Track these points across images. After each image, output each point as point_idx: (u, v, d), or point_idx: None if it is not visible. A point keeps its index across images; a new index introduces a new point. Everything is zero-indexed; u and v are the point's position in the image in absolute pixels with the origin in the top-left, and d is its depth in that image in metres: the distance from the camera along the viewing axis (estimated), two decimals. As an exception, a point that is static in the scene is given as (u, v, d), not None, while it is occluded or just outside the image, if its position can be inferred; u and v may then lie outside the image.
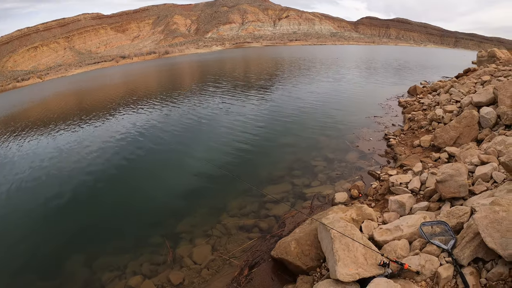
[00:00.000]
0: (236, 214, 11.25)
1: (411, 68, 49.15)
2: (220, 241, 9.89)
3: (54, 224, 12.87)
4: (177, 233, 10.64)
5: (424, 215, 6.77)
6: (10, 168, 20.58)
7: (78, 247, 10.86)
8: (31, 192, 16.29)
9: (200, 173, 14.99)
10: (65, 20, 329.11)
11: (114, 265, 9.60)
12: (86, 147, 21.99)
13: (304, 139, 18.05)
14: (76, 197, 14.72)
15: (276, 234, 9.58)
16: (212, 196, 12.88)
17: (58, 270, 9.85)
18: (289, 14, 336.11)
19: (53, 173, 18.39)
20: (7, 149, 25.96)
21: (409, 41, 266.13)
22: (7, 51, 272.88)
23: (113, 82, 76.24)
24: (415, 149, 13.92)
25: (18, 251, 11.29)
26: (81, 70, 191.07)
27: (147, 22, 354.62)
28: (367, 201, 10.31)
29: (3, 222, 13.74)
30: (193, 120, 24.92)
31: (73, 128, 29.26)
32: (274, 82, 40.33)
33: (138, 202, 13.50)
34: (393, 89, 30.04)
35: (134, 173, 16.74)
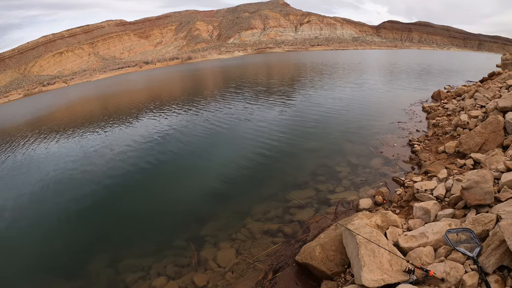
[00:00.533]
0: (260, 218, 11.35)
1: (434, 73, 48.38)
2: (245, 245, 10.02)
3: (79, 225, 13.24)
4: (202, 236, 10.80)
5: (449, 222, 6.75)
6: (37, 169, 21.26)
7: (103, 248, 11.20)
8: (57, 193, 16.80)
9: (224, 178, 15.17)
10: (89, 27, 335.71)
11: (138, 266, 9.84)
12: (110, 151, 22.50)
13: (328, 144, 18.01)
14: (101, 199, 15.13)
15: (300, 239, 9.65)
16: (236, 200, 13.04)
17: (82, 270, 10.14)
18: (311, 19, 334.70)
19: (79, 175, 18.93)
20: (34, 151, 26.78)
21: (432, 45, 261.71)
22: (33, 57, 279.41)
23: (137, 87, 77.40)
24: (439, 155, 13.75)
25: (44, 251, 11.73)
26: (105, 75, 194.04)
27: (170, 28, 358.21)
28: (391, 207, 10.28)
29: (30, 222, 14.21)
30: (216, 125, 25.14)
31: (98, 131, 29.92)
32: (296, 88, 40.29)
33: (163, 205, 13.79)
34: (417, 94, 29.69)
35: (158, 176, 17.03)
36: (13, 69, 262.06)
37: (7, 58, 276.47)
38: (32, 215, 14.89)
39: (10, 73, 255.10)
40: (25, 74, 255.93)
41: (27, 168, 22.16)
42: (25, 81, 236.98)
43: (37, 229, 13.53)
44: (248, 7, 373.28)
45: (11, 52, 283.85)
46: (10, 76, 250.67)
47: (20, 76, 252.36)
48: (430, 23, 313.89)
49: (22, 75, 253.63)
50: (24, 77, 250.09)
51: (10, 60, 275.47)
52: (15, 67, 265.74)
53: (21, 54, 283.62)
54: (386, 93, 31.64)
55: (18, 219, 14.72)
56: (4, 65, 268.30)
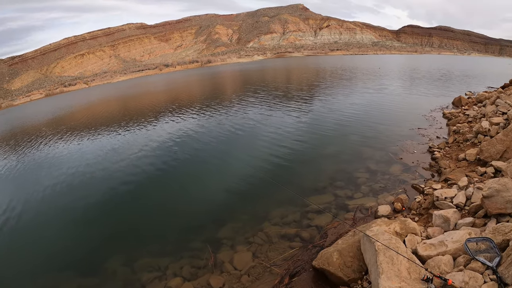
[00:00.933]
0: (278, 222, 11.36)
1: (455, 78, 47.77)
2: (261, 248, 10.04)
3: (97, 224, 13.51)
4: (219, 238, 10.88)
5: (469, 231, 6.70)
6: (57, 167, 21.81)
7: (120, 246, 11.40)
8: (77, 191, 17.17)
9: (242, 181, 15.24)
10: (110, 30, 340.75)
11: (155, 266, 9.97)
12: (129, 151, 22.84)
13: (347, 150, 17.93)
14: (119, 198, 15.44)
15: (318, 244, 9.65)
16: (254, 203, 13.08)
17: (99, 268, 10.36)
18: (330, 24, 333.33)
19: (98, 174, 19.32)
20: (55, 149, 27.41)
21: (452, 50, 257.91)
22: (55, 58, 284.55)
23: (157, 89, 78.31)
24: (460, 162, 13.59)
25: (62, 247, 12.01)
26: (125, 77, 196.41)
27: (190, 32, 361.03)
28: (410, 215, 10.20)
29: (49, 219, 14.60)
30: (235, 128, 25.26)
31: (118, 132, 30.39)
32: (315, 93, 40.18)
33: (181, 207, 13.93)
34: (437, 100, 29.37)
35: (177, 177, 17.24)
36: (35, 70, 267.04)
37: (30, 59, 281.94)
38: (51, 212, 15.28)
39: (32, 73, 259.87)
40: (47, 75, 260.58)
41: (48, 166, 22.75)
42: (47, 81, 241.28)
43: (56, 226, 13.88)
44: (268, 11, 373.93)
45: (33, 53, 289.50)
46: (33, 76, 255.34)
47: (42, 76, 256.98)
48: (451, 28, 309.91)
49: (44, 76, 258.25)
50: (46, 77, 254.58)
51: (33, 61, 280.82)
52: (37, 68, 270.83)
53: (43, 55, 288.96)
54: (406, 99, 31.35)
55: (38, 215, 15.09)
56: (27, 65, 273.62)
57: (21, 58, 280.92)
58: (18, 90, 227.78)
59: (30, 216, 15.11)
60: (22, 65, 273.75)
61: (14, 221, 14.81)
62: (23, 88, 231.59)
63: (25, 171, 22.57)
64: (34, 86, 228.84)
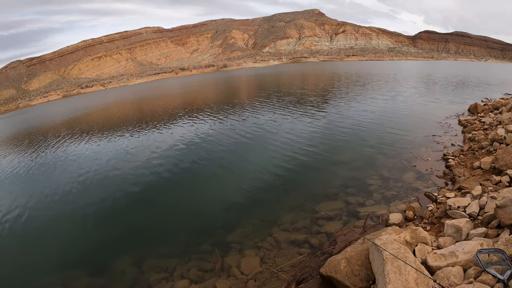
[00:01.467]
0: (287, 228, 11.28)
1: (471, 85, 47.02)
2: (270, 253, 9.98)
3: (108, 224, 13.74)
4: (228, 243, 10.86)
5: (481, 242, 6.52)
6: (70, 167, 22.24)
7: (130, 246, 11.53)
8: (89, 191, 17.50)
9: (254, 185, 15.18)
10: (127, 33, 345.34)
11: (163, 267, 10.04)
12: (143, 153, 23.12)
13: (361, 156, 17.70)
14: (130, 200, 15.60)
15: (326, 251, 9.53)
16: (265, 208, 13.00)
17: (108, 267, 10.51)
18: (346, 29, 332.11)
19: (110, 175, 19.65)
20: (69, 149, 27.98)
21: (469, 56, 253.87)
22: (73, 60, 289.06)
23: (172, 92, 79.03)
24: (474, 171, 13.32)
25: (72, 246, 12.24)
26: (142, 80, 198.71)
27: (206, 36, 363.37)
28: (422, 223, 9.99)
29: (61, 217, 14.90)
30: (248, 132, 25.28)
31: (131, 134, 30.77)
32: (330, 99, 39.96)
33: (191, 209, 13.96)
34: (453, 106, 28.95)
35: (188, 180, 17.30)
36: (53, 71, 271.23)
37: (48, 61, 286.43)
38: (64, 210, 15.58)
39: (50, 74, 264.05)
40: (64, 76, 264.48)
41: (63, 165, 23.23)
42: (64, 83, 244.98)
43: (68, 224, 14.16)
44: (284, 16, 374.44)
45: (51, 55, 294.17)
46: (50, 77, 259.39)
47: (59, 78, 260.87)
48: (467, 34, 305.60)
49: (62, 77, 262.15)
50: (63, 79, 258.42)
51: (51, 63, 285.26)
52: (55, 69, 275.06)
53: (61, 57, 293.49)
54: (422, 106, 30.97)
55: (50, 214, 15.41)
56: (45, 67, 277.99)
57: (39, 59, 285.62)
58: (36, 90, 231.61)
59: (44, 214, 15.49)
60: (40, 66, 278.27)
61: (29, 217, 15.24)
62: (41, 88, 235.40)
63: (40, 170, 23.10)
64: (52, 87, 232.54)
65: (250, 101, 44.18)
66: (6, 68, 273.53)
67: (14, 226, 14.61)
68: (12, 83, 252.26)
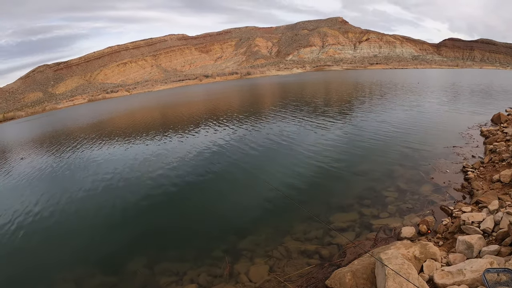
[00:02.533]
0: (300, 238, 11.22)
1: (495, 94, 45.96)
2: (279, 263, 9.95)
3: (124, 226, 14.06)
4: (239, 250, 10.92)
5: (491, 260, 6.32)
6: (93, 170, 23.09)
7: (143, 249, 11.79)
8: (109, 193, 18.08)
9: (269, 194, 15.11)
10: (152, 40, 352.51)
11: (173, 271, 10.22)
12: (162, 159, 23.51)
13: (378, 167, 17.42)
14: (147, 203, 15.96)
15: (335, 263, 9.42)
16: (278, 217, 12.98)
17: (121, 267, 10.78)
18: (369, 37, 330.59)
19: (129, 178, 20.20)
20: (92, 152, 28.96)
21: (495, 64, 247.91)
22: (98, 65, 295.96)
23: (196, 99, 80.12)
24: (494, 184, 12.92)
25: (89, 245, 12.70)
26: (166, 86, 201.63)
27: (230, 44, 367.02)
28: (435, 238, 9.77)
29: (79, 217, 15.49)
30: (267, 141, 25.26)
31: (153, 139, 31.38)
32: (352, 108, 39.53)
33: (206, 215, 14.12)
34: (476, 116, 28.31)
35: (203, 188, 17.37)
36: (79, 76, 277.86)
37: (74, 66, 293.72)
38: (82, 211, 16.13)
39: (76, 79, 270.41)
40: (90, 81, 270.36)
41: (85, 168, 24.05)
42: (90, 87, 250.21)
43: (84, 225, 14.62)
44: (307, 24, 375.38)
45: (78, 60, 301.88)
46: (76, 82, 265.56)
47: (85, 82, 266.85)
48: (493, 41, 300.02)
49: (88, 82, 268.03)
50: (89, 83, 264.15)
51: (77, 68, 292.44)
52: (81, 74, 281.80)
53: (88, 63, 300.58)
54: (444, 115, 30.42)
55: (69, 213, 16.02)
56: (71, 71, 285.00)
57: (66, 64, 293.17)
58: (62, 94, 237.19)
59: (65, 213, 16.14)
60: (67, 71, 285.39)
61: (50, 215, 16.01)
62: (67, 92, 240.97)
63: (64, 171, 24.01)
64: (78, 91, 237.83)
65: (272, 109, 44.20)
66: (34, 72, 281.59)
67: (35, 224, 15.20)
68: (39, 86, 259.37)
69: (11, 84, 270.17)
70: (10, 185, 22.50)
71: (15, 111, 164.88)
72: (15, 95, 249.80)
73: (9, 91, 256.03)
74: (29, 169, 26.38)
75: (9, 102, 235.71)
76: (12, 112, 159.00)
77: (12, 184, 22.75)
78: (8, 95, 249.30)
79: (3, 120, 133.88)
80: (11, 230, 14.82)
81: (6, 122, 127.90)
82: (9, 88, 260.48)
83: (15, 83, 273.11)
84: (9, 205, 18.20)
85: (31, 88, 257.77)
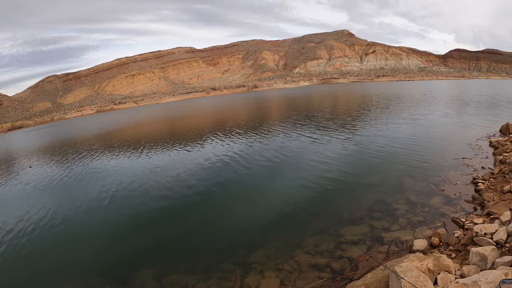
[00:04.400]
0: (310, 251, 11.17)
1: (503, 104, 45.80)
2: (290, 276, 9.90)
3: (133, 237, 14.08)
4: (249, 263, 10.86)
5: (505, 271, 6.27)
6: (101, 181, 23.20)
7: (152, 261, 11.76)
8: (117, 204, 18.28)
9: (280, 208, 15.10)
10: (160, 52, 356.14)
11: (182, 284, 10.18)
12: (170, 171, 23.58)
13: (388, 180, 17.38)
14: (157, 216, 15.97)
15: (347, 276, 9.38)
16: (289, 230, 12.94)
17: (129, 278, 10.82)
18: (376, 49, 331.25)
19: (138, 190, 20.23)
20: (100, 163, 29.12)
21: (501, 74, 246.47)
22: (107, 77, 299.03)
23: (203, 111, 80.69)
24: (505, 195, 12.86)
25: (97, 255, 12.75)
26: (173, 98, 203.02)
27: (237, 57, 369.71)
28: (447, 251, 9.72)
29: (89, 226, 15.58)
30: (275, 154, 25.27)
31: (161, 150, 31.61)
32: (359, 121, 39.43)
33: (215, 228, 14.04)
34: (484, 127, 28.32)
35: (213, 200, 17.41)
36: (88, 87, 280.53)
37: (83, 77, 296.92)
38: (91, 220, 16.27)
39: (85, 90, 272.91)
40: (98, 92, 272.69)
41: (93, 178, 24.28)
42: (98, 98, 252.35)
43: (94, 234, 14.72)
44: (313, 37, 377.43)
45: (87, 71, 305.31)
46: (85, 93, 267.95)
47: (94, 93, 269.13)
48: (499, 51, 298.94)
49: (96, 93, 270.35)
50: (97, 94, 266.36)
51: (86, 78, 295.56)
52: (90, 85, 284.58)
53: (96, 74, 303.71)
54: (452, 127, 30.36)
55: (77, 223, 16.20)
56: (80, 82, 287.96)
57: (75, 75, 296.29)
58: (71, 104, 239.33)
59: (72, 222, 16.30)
60: (76, 81, 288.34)
61: (59, 225, 16.12)
62: (76, 103, 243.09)
63: (72, 181, 24.22)
64: (86, 102, 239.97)
65: (279, 122, 44.30)
66: (43, 82, 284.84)
67: (44, 233, 15.36)
68: (48, 96, 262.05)
69: (20, 93, 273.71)
70: (19, 193, 22.81)
71: (23, 120, 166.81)
72: (24, 104, 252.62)
73: (18, 100, 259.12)
74: (37, 177, 26.76)
75: (18, 111, 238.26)
76: (21, 121, 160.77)
77: (21, 192, 23.04)
78: (17, 104, 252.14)
79: (12, 129, 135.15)
80: (20, 238, 14.98)
81: (14, 130, 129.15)
82: (18, 97, 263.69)
83: (24, 92, 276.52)
84: (18, 213, 18.39)
85: (40, 98, 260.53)
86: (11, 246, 14.25)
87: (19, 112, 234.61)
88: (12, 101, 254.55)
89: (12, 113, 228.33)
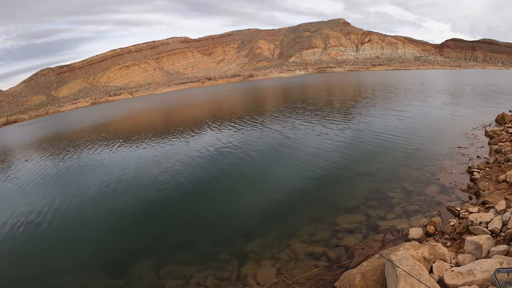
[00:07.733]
0: (306, 240, 11.21)
1: (498, 94, 45.82)
2: (287, 265, 9.95)
3: (130, 229, 14.08)
4: (246, 252, 10.91)
5: (500, 260, 6.32)
6: (98, 174, 22.87)
7: (150, 252, 11.78)
8: (113, 197, 18.12)
9: (275, 197, 15.14)
10: (155, 43, 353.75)
11: (180, 274, 10.23)
12: (166, 162, 23.44)
13: (384, 168, 17.41)
14: (152, 207, 15.90)
15: (343, 265, 9.42)
16: (285, 219, 12.97)
17: (127, 271, 10.80)
18: (372, 38, 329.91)
19: (135, 182, 20.11)
20: (97, 156, 28.78)
21: (497, 64, 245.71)
22: (101, 68, 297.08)
23: (198, 102, 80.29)
24: (500, 184, 12.91)
25: (94, 248, 12.71)
26: (169, 89, 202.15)
27: (232, 46, 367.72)
28: (442, 239, 9.76)
29: (85, 221, 15.42)
30: (271, 144, 25.27)
31: (157, 142, 31.33)
32: (355, 110, 39.47)
33: (212, 219, 14.07)
34: (480, 117, 28.27)
35: (209, 190, 17.41)
36: (82, 79, 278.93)
37: (77, 69, 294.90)
38: (88, 214, 16.11)
39: (79, 82, 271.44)
40: (93, 84, 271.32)
41: (88, 171, 24.06)
42: (93, 90, 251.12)
43: (91, 228, 14.61)
44: (309, 26, 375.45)
45: (81, 63, 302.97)
46: (79, 85, 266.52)
47: (88, 85, 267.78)
48: (495, 41, 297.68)
49: (91, 85, 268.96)
50: (92, 86, 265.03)
51: (80, 71, 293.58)
52: (84, 77, 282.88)
53: (91, 66, 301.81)
54: (448, 116, 30.34)
55: (74, 216, 16.09)
56: (74, 75, 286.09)
57: (69, 67, 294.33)
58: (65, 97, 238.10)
59: (70, 216, 16.21)
60: (70, 74, 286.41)
61: (56, 219, 16.00)
62: (70, 96, 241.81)
63: (68, 174, 23.97)
64: (81, 95, 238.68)
65: (274, 112, 44.26)
66: (37, 75, 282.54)
67: (41, 227, 15.25)
68: (42, 89, 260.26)
69: (14, 87, 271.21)
70: (15, 187, 22.67)
71: (18, 114, 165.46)
72: (18, 98, 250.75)
73: (13, 94, 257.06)
74: (33, 171, 26.56)
75: (12, 105, 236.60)
76: (15, 115, 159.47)
77: (17, 186, 22.89)
78: (11, 98, 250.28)
79: (7, 123, 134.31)
80: (17, 232, 14.93)
81: (9, 125, 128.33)
82: (12, 91, 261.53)
83: (18, 86, 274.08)
84: (14, 207, 18.25)
85: (34, 91, 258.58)
86: (8, 239, 14.31)
87: (13, 106, 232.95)
88: (6, 96, 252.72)
89: (6, 108, 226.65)
